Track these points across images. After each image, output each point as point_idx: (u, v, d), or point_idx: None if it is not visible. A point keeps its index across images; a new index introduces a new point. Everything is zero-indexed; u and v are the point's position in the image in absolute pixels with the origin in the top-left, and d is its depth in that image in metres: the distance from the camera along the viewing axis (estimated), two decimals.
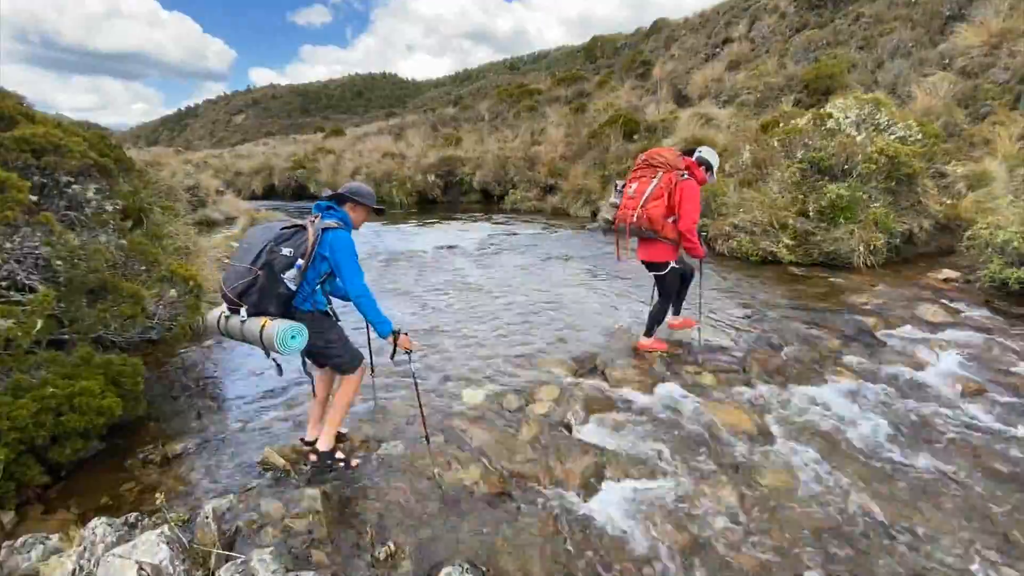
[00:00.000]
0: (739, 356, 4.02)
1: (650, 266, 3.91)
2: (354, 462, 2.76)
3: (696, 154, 3.85)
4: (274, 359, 2.53)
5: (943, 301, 4.96)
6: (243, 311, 2.37)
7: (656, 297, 4.09)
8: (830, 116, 6.90)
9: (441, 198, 16.49)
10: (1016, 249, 4.80)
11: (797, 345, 4.20)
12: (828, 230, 6.27)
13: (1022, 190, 6.13)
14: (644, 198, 3.67)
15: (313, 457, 2.71)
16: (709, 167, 3.83)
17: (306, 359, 2.67)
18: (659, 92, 15.96)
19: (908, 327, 4.46)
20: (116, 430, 3.03)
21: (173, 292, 4.02)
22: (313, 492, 2.44)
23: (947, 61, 10.32)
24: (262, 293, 2.35)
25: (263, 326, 2.34)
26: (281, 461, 2.76)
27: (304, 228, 2.45)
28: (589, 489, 2.66)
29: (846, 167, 6.41)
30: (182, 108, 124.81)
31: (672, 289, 4.00)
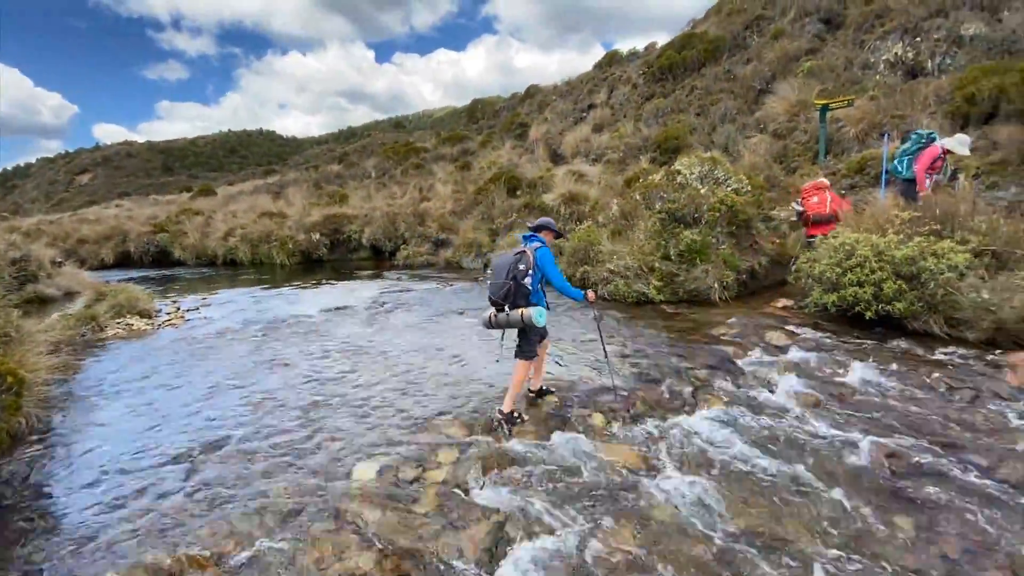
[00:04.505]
0: (624, 395, 4.28)
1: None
2: (525, 416, 3.95)
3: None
4: (517, 343, 3.99)
5: (783, 326, 5.78)
6: (507, 308, 3.74)
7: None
8: (679, 172, 7.94)
9: (328, 256, 15.85)
10: (829, 278, 5.78)
11: (673, 378, 4.58)
12: (688, 271, 7.07)
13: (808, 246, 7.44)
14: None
15: (499, 416, 3.87)
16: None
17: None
18: (536, 151, 17.21)
19: (759, 352, 5.10)
20: None
21: None
22: None
23: (763, 125, 12.50)
24: (515, 294, 3.73)
25: (522, 313, 3.70)
26: None
27: (525, 251, 3.81)
28: (491, 556, 2.59)
29: (696, 215, 7.35)
30: (8, 168, 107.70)
31: None
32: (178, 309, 9.04)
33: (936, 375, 4.33)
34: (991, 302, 4.87)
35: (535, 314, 3.66)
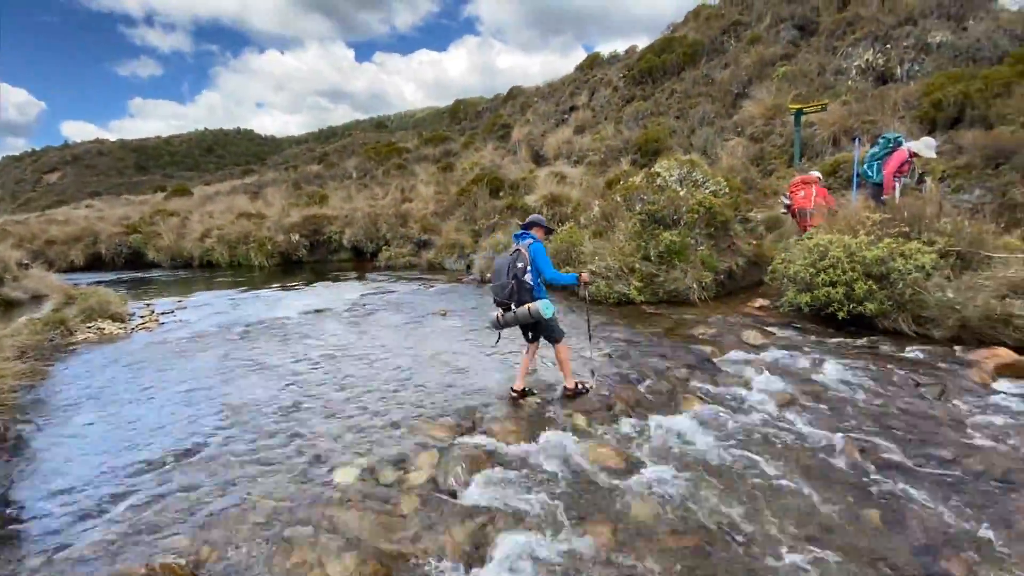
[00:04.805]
0: (605, 395, 4.33)
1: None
2: (591, 383, 4.39)
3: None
4: (530, 337, 4.33)
5: (760, 326, 5.90)
6: (513, 306, 3.96)
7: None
8: (658, 174, 8.05)
9: (308, 258, 15.66)
10: (803, 279, 5.93)
11: (653, 378, 4.65)
12: (668, 271, 7.18)
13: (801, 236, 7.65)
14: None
15: (567, 393, 4.26)
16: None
17: (530, 333, 4.35)
18: (519, 152, 17.25)
19: (737, 351, 5.20)
20: None
21: None
22: None
23: (740, 129, 12.75)
24: (519, 292, 3.91)
25: (529, 308, 3.90)
26: None
27: (519, 249, 4.01)
28: (474, 556, 2.60)
29: (675, 217, 7.47)
30: None
31: None
32: (152, 312, 8.83)
33: (905, 372, 4.48)
34: (956, 301, 5.05)
35: (542, 307, 3.88)
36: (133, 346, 6.75)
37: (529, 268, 3.92)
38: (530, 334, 4.37)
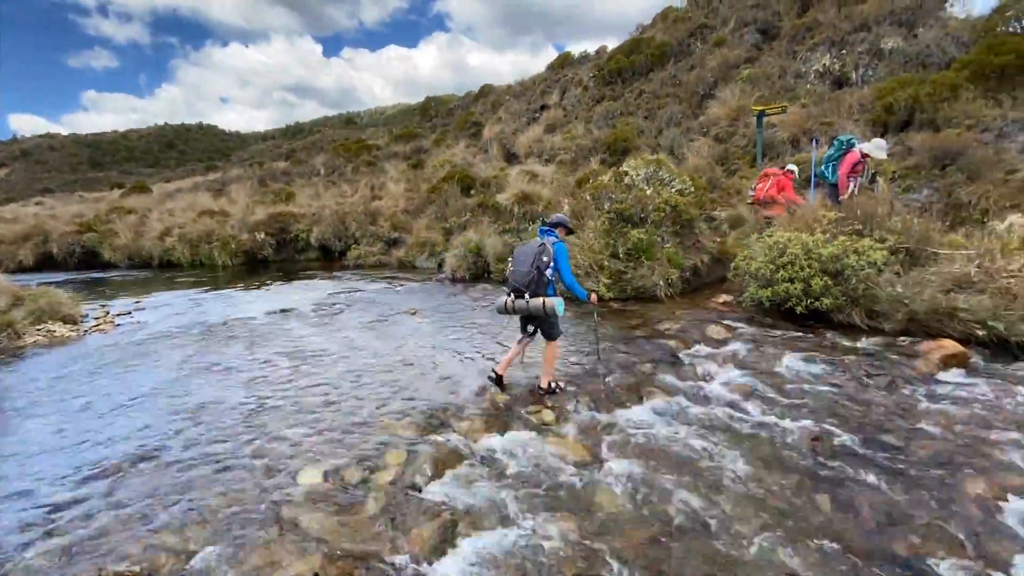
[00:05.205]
0: (573, 390, 4.38)
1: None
2: (562, 384, 4.39)
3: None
4: (529, 331, 4.39)
5: (723, 321, 6.07)
6: (527, 295, 4.01)
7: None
8: (626, 173, 8.17)
9: (274, 257, 15.27)
10: (764, 275, 6.12)
11: (620, 373, 4.72)
12: (635, 268, 7.30)
13: (763, 227, 7.90)
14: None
15: (540, 390, 4.29)
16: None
17: (530, 327, 4.37)
18: (490, 150, 17.23)
19: (700, 346, 5.33)
20: None
21: None
22: None
23: (706, 129, 13.05)
24: (538, 283, 4.01)
25: (544, 302, 3.98)
26: None
27: (545, 244, 4.10)
28: (439, 552, 2.60)
29: (642, 215, 7.60)
30: None
31: None
32: (107, 314, 8.47)
33: (857, 363, 4.68)
34: (905, 296, 5.30)
35: (557, 305, 4.00)
36: (86, 349, 6.46)
37: (551, 264, 4.04)
38: (530, 328, 4.40)
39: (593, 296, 4.30)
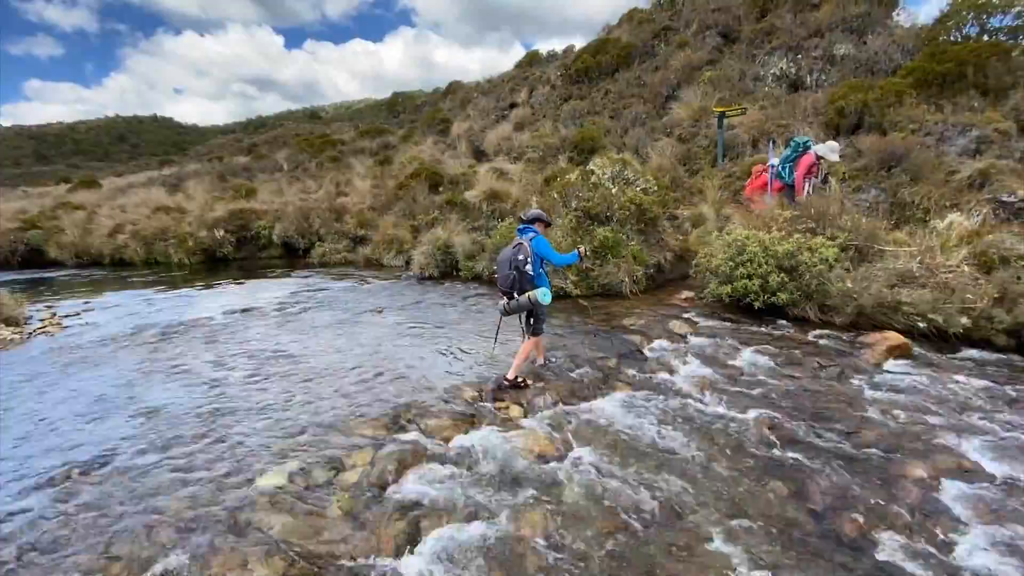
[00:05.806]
0: (540, 385, 4.43)
1: None
2: (529, 381, 4.44)
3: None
4: (522, 327, 4.62)
5: (685, 316, 6.24)
6: (515, 294, 4.29)
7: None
8: (592, 172, 8.28)
9: (234, 255, 14.77)
10: (724, 272, 6.33)
11: (587, 367, 4.80)
12: (602, 266, 7.42)
13: (724, 227, 8.16)
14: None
15: (505, 382, 4.35)
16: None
17: (528, 320, 4.57)
18: (459, 147, 17.14)
19: (663, 340, 5.48)
20: None
21: None
22: None
23: (669, 130, 13.33)
24: (520, 281, 4.25)
25: (529, 295, 4.25)
26: None
27: (522, 243, 4.30)
28: (405, 550, 2.60)
29: (608, 214, 7.73)
30: None
31: None
32: (54, 315, 8.03)
33: (810, 355, 4.91)
34: (854, 290, 5.58)
35: (539, 294, 4.26)
36: (31, 352, 6.12)
37: (530, 259, 4.24)
38: (530, 321, 4.61)
39: (581, 248, 4.62)
